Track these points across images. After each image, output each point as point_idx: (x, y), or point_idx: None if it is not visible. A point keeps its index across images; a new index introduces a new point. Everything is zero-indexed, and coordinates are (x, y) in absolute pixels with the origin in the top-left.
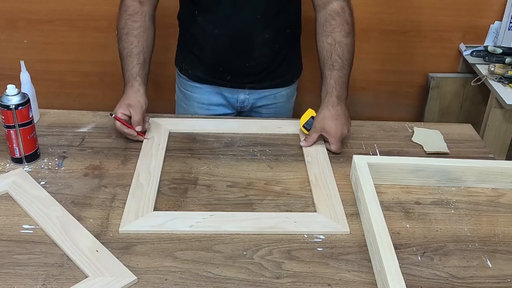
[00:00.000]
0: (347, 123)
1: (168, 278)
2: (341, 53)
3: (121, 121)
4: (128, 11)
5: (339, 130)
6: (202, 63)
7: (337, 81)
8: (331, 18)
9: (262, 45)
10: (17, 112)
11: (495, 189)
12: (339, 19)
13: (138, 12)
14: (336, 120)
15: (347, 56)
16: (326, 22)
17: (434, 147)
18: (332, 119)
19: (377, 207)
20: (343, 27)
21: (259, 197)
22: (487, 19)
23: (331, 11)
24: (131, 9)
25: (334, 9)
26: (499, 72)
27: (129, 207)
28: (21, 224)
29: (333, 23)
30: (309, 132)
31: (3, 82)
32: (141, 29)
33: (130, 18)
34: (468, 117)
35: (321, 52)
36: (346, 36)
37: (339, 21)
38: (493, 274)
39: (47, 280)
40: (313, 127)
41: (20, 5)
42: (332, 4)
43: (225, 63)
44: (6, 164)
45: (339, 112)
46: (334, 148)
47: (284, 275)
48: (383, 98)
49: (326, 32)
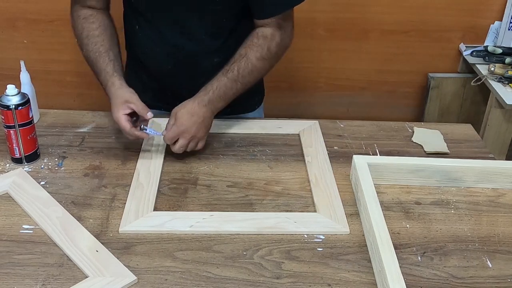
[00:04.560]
0: (201, 129)
1: (168, 278)
2: (242, 69)
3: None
4: (82, 15)
5: (187, 125)
6: (148, 87)
7: (220, 87)
8: (256, 37)
9: (210, 70)
10: (17, 112)
11: (495, 189)
12: (262, 41)
13: (92, 14)
14: (191, 116)
15: (245, 74)
16: (250, 37)
17: (434, 147)
18: (187, 113)
19: (377, 207)
20: (261, 49)
21: (259, 197)
22: (487, 19)
23: (260, 32)
24: (84, 13)
25: (264, 32)
26: (499, 72)
27: (129, 207)
28: (21, 224)
29: (255, 42)
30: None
31: (3, 82)
32: (101, 28)
33: (86, 21)
34: (468, 117)
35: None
36: (259, 59)
37: (261, 42)
38: (493, 274)
39: (47, 280)
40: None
41: (20, 5)
42: (264, 28)
43: (172, 87)
44: (6, 164)
45: (200, 113)
46: (165, 138)
47: (284, 275)
48: (383, 98)
49: (244, 45)
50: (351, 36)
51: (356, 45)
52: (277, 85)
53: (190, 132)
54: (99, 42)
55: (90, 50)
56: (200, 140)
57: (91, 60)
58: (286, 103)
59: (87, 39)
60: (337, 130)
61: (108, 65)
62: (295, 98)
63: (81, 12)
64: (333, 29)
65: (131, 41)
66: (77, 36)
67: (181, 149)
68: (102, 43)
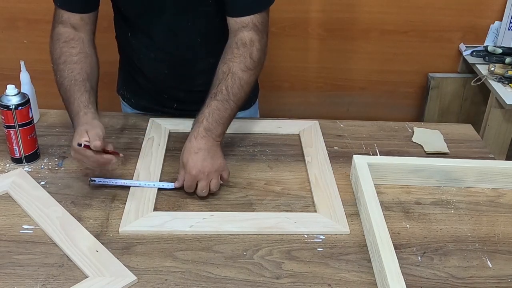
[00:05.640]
0: (214, 160)
1: (168, 278)
2: (231, 86)
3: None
4: (62, 38)
5: (197, 166)
6: (144, 90)
7: (212, 112)
8: (236, 47)
9: (206, 70)
10: (17, 112)
11: (495, 189)
12: (243, 50)
13: (74, 38)
14: (196, 154)
15: (236, 91)
16: (229, 49)
17: (434, 147)
18: (191, 153)
19: (377, 207)
20: (244, 59)
21: (259, 197)
22: (487, 19)
23: (238, 40)
24: (65, 36)
25: (242, 38)
26: (499, 72)
27: (129, 207)
28: (21, 224)
29: (235, 52)
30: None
31: (3, 82)
32: (81, 54)
33: (66, 45)
34: (468, 117)
35: (214, 80)
36: (244, 70)
37: (242, 52)
38: (493, 274)
39: (47, 280)
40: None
41: (20, 5)
42: (242, 32)
43: (169, 90)
44: (6, 164)
45: (201, 146)
46: (185, 188)
47: (284, 275)
48: (383, 98)
49: (225, 60)
50: (351, 36)
51: (356, 45)
52: (277, 85)
53: (204, 171)
54: (76, 69)
55: (65, 76)
56: (222, 172)
57: (64, 88)
58: (286, 103)
59: (63, 65)
60: (337, 130)
61: (83, 94)
62: (295, 98)
63: (63, 32)
64: (333, 29)
65: (124, 47)
66: (54, 60)
67: (204, 192)
68: (79, 71)
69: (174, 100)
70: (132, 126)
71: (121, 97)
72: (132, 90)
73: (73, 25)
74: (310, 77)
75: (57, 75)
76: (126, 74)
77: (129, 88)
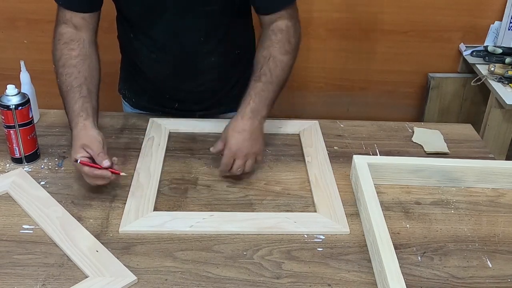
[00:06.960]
0: (254, 142)
1: (168, 278)
2: (273, 68)
3: (88, 164)
4: (63, 39)
5: (238, 144)
6: (145, 90)
7: (258, 93)
8: (273, 34)
9: (209, 69)
10: (17, 112)
11: (495, 189)
12: (280, 35)
13: (74, 39)
14: (239, 133)
15: (278, 72)
16: (266, 37)
17: (434, 147)
18: (235, 131)
19: (377, 207)
20: (282, 44)
21: (259, 197)
22: (487, 19)
23: (274, 28)
24: (66, 37)
25: (278, 25)
26: (499, 72)
27: (129, 207)
28: (21, 224)
29: (273, 39)
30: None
31: (3, 82)
32: (80, 57)
33: (66, 47)
34: (468, 117)
35: (254, 65)
36: (284, 53)
37: (280, 37)
38: (493, 274)
39: (47, 280)
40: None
41: (20, 5)
42: (277, 22)
43: (170, 90)
44: (6, 164)
45: (246, 127)
46: (221, 164)
47: (284, 275)
48: (383, 98)
49: (263, 46)
50: (351, 36)
51: (356, 45)
52: None
53: (243, 151)
54: (73, 74)
55: (63, 81)
56: (257, 155)
57: (62, 93)
58: (286, 103)
59: (62, 68)
60: (337, 130)
61: (76, 102)
62: (295, 98)
63: (64, 32)
64: (333, 29)
65: (126, 48)
66: (54, 62)
67: (239, 171)
68: (76, 75)
69: (175, 100)
70: (132, 126)
71: (122, 96)
72: (133, 90)
73: (75, 25)
74: (310, 77)
75: (57, 78)
76: (127, 74)
77: (130, 88)
